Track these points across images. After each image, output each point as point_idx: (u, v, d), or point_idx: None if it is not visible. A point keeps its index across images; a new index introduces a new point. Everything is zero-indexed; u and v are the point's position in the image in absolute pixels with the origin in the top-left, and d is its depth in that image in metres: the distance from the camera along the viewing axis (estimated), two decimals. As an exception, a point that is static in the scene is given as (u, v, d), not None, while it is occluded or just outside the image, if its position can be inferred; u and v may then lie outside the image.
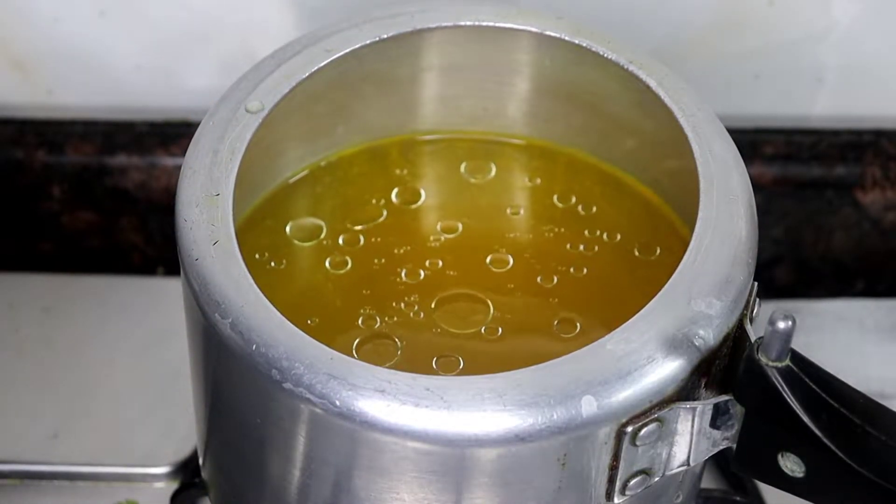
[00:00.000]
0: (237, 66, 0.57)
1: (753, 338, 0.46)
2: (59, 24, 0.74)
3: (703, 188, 0.50)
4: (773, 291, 0.78)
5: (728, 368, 0.47)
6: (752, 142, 0.75)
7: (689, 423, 0.47)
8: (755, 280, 0.49)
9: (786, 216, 0.77)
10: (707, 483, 0.63)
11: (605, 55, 0.55)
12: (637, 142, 0.58)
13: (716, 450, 0.49)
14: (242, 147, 0.52)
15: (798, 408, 0.45)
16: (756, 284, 0.49)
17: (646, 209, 0.58)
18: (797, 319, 0.45)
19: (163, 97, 0.76)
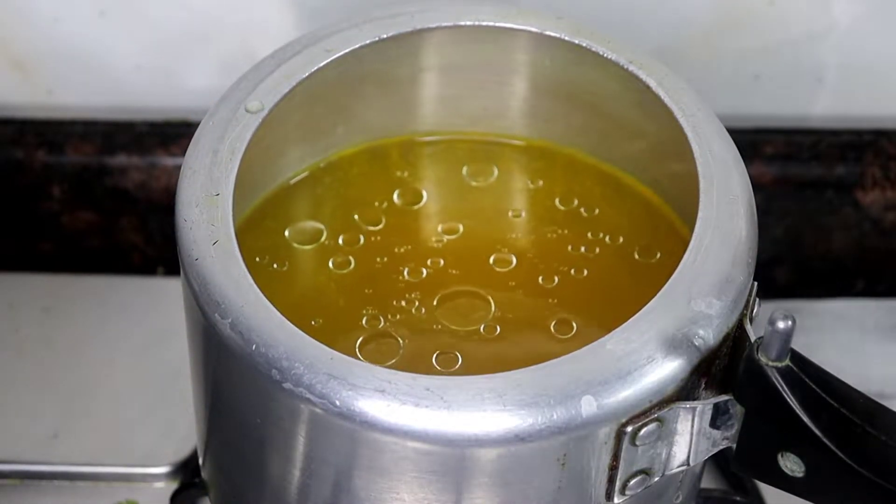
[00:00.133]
0: (237, 66, 0.57)
1: (753, 338, 0.46)
2: (59, 24, 0.74)
3: (703, 188, 0.50)
4: (773, 291, 0.78)
5: (728, 368, 0.47)
6: (752, 142, 0.75)
7: (689, 423, 0.47)
8: (755, 280, 0.49)
9: (786, 216, 0.77)
10: (707, 483, 0.63)
11: (605, 55, 0.55)
12: (637, 142, 0.57)
13: (716, 450, 0.49)
14: (242, 147, 0.52)
15: (798, 408, 0.45)
16: (756, 284, 0.49)
17: (646, 210, 0.58)
18: (797, 319, 0.45)
19: (163, 97, 0.76)
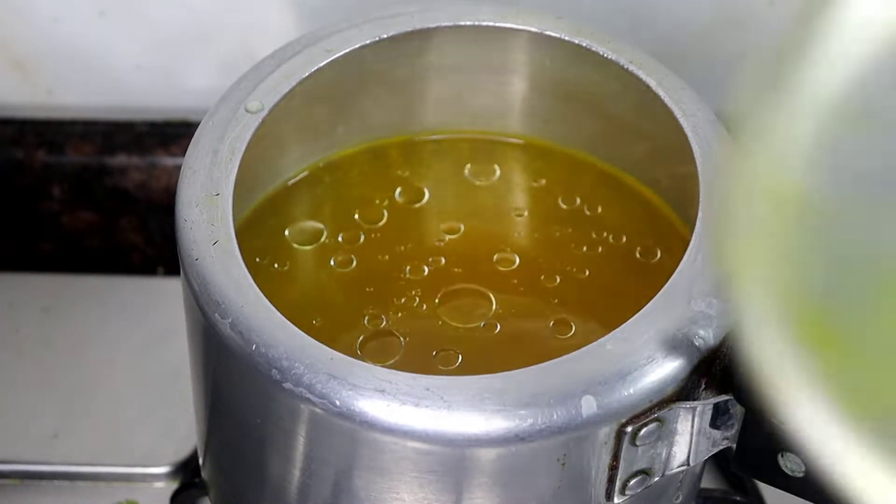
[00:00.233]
0: (237, 66, 0.57)
1: (753, 338, 0.46)
2: (59, 24, 0.74)
3: (703, 188, 0.50)
4: (773, 291, 0.78)
5: (728, 368, 0.47)
6: (752, 142, 0.75)
7: (689, 423, 0.47)
8: (755, 280, 0.49)
9: (786, 216, 0.77)
10: (707, 483, 0.63)
11: (605, 55, 0.55)
12: (637, 142, 0.57)
13: (716, 450, 0.49)
14: (242, 147, 0.52)
15: (798, 408, 0.45)
16: (756, 284, 0.49)
17: (646, 210, 0.58)
18: (797, 319, 0.45)
19: (163, 97, 0.76)
